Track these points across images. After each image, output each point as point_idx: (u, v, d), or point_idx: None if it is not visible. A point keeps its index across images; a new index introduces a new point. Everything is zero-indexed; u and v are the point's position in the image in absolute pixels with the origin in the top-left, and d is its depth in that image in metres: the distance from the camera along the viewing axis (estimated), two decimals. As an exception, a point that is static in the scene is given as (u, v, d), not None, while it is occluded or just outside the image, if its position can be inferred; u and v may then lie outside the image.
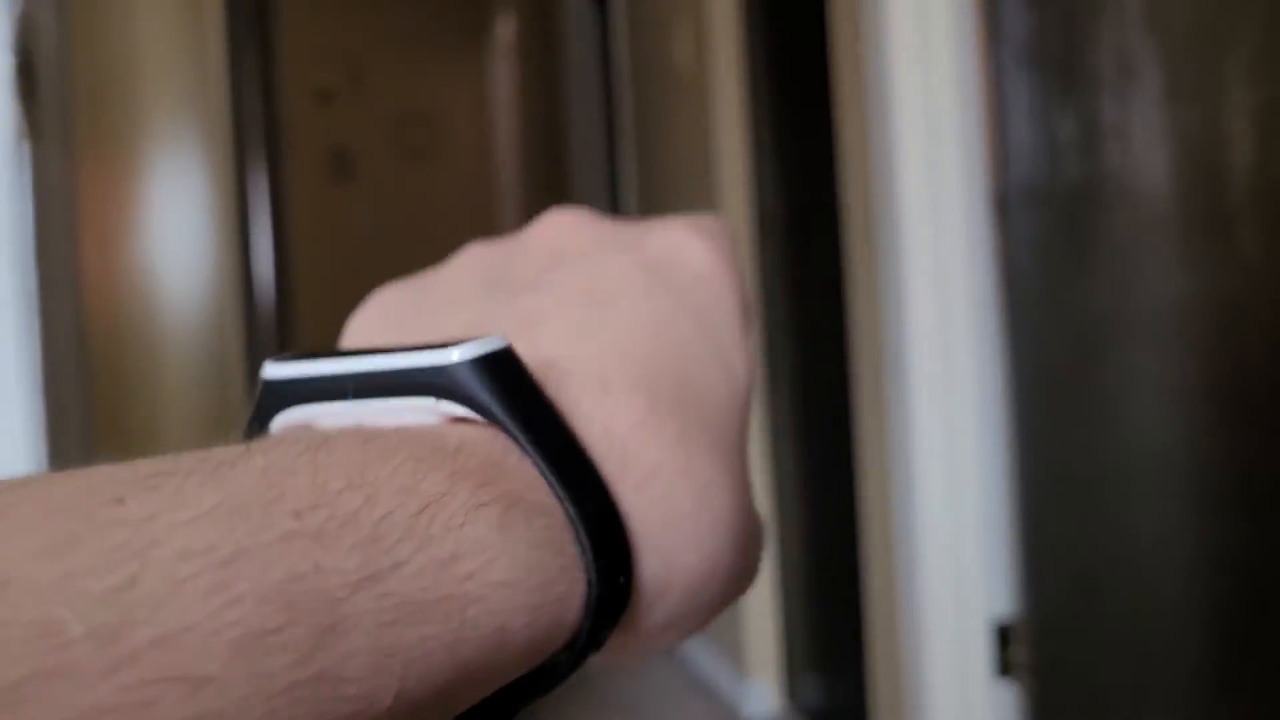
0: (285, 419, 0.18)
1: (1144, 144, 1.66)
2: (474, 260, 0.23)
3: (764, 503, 2.24)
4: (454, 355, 0.17)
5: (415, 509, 0.15)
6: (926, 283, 1.62)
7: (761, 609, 2.23)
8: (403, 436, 0.16)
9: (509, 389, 0.17)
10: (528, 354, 0.18)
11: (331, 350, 0.18)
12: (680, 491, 0.18)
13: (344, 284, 6.10)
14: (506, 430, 0.17)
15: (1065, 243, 1.63)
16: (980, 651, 1.68)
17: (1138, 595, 1.66)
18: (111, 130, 1.08)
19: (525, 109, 4.49)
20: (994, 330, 1.64)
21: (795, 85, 2.01)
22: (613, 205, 3.22)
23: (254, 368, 2.59)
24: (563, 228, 0.22)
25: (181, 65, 1.59)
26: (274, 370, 0.19)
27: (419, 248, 5.38)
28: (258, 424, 0.18)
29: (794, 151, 2.03)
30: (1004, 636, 1.68)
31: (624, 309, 0.20)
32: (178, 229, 1.52)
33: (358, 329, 0.22)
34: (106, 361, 1.04)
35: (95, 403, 0.95)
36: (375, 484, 0.15)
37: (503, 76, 5.09)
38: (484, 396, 0.17)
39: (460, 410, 0.17)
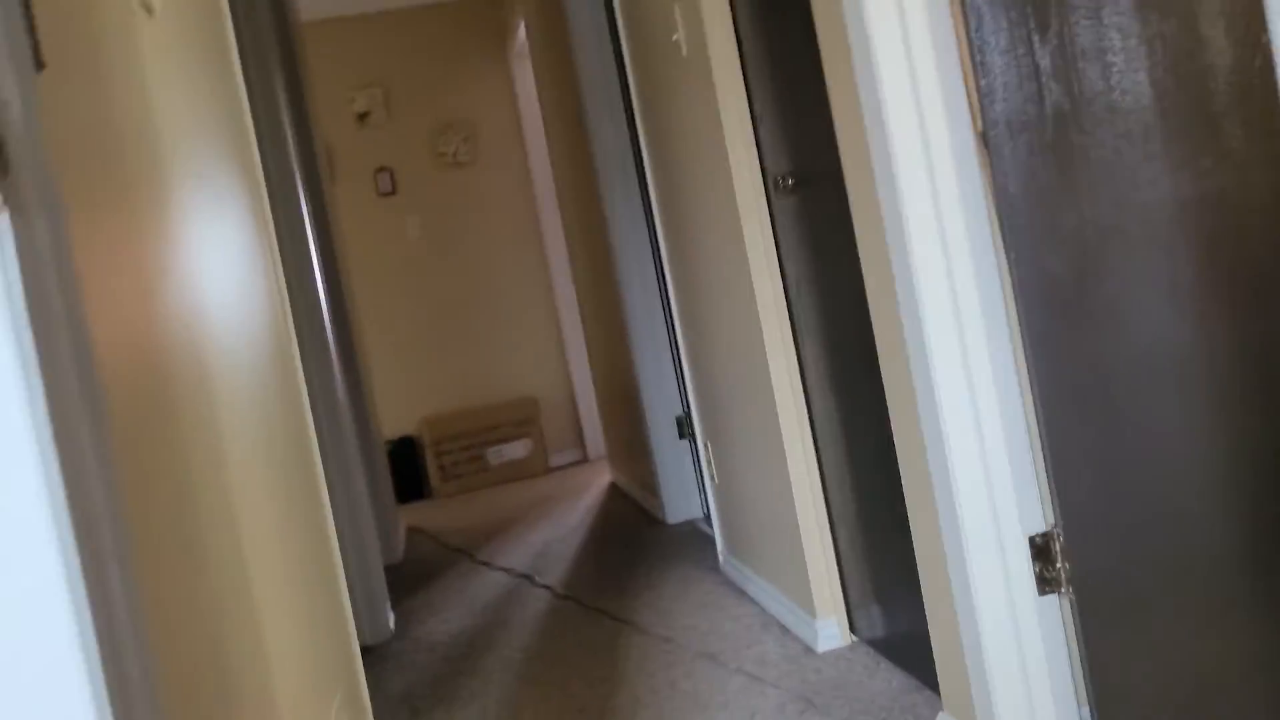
0: None
1: (1123, 61, 1.71)
2: None
3: (805, 451, 2.34)
4: None
5: None
6: (926, 223, 1.69)
7: (819, 553, 2.33)
8: None
9: None
10: None
11: None
12: None
13: (398, 285, 6.25)
14: None
15: (1054, 164, 1.69)
16: (1023, 568, 1.74)
17: (1165, 495, 1.72)
18: (120, 192, 1.16)
19: (547, 106, 4.62)
20: (995, 256, 1.71)
21: (787, 54, 2.08)
22: (640, 182, 3.32)
23: (322, 382, 2.75)
24: None
25: (198, 111, 1.70)
26: None
27: (463, 247, 5.54)
28: None
29: (793, 115, 2.11)
30: (1044, 551, 1.74)
31: None
32: (222, 267, 1.64)
33: None
34: (141, 407, 1.11)
35: (127, 433, 1.02)
36: None
37: (524, 78, 5.22)
38: None
39: None
